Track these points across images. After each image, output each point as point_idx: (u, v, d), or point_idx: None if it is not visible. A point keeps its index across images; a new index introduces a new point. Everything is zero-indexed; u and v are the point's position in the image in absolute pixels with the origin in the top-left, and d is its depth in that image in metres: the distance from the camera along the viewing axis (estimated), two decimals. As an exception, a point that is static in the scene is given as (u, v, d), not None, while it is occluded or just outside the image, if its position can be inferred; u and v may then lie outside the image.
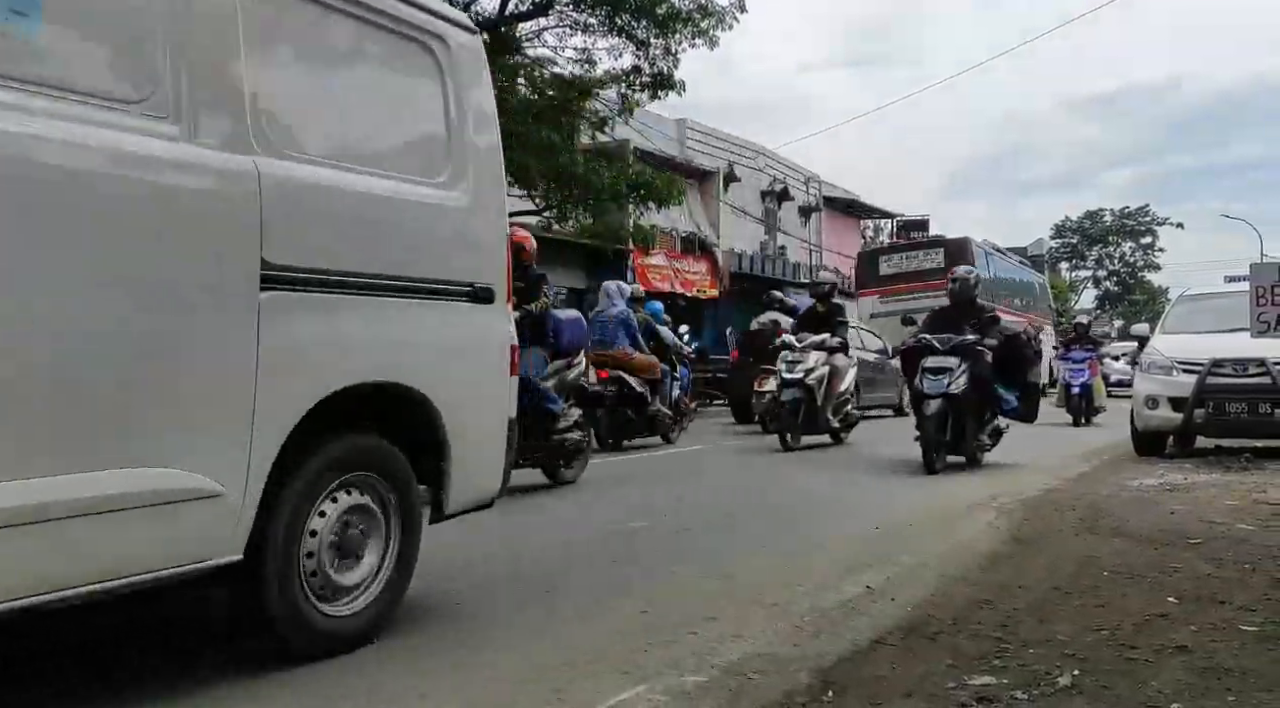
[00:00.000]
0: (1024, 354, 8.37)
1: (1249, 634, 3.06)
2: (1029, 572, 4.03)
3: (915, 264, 23.19)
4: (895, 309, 20.29)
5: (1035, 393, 8.46)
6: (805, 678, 2.69)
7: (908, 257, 23.79)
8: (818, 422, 10.08)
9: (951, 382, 7.68)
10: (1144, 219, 66.61)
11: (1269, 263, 6.32)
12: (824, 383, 9.95)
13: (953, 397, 7.67)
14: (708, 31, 15.82)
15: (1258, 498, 6.07)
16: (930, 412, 7.71)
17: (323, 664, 2.83)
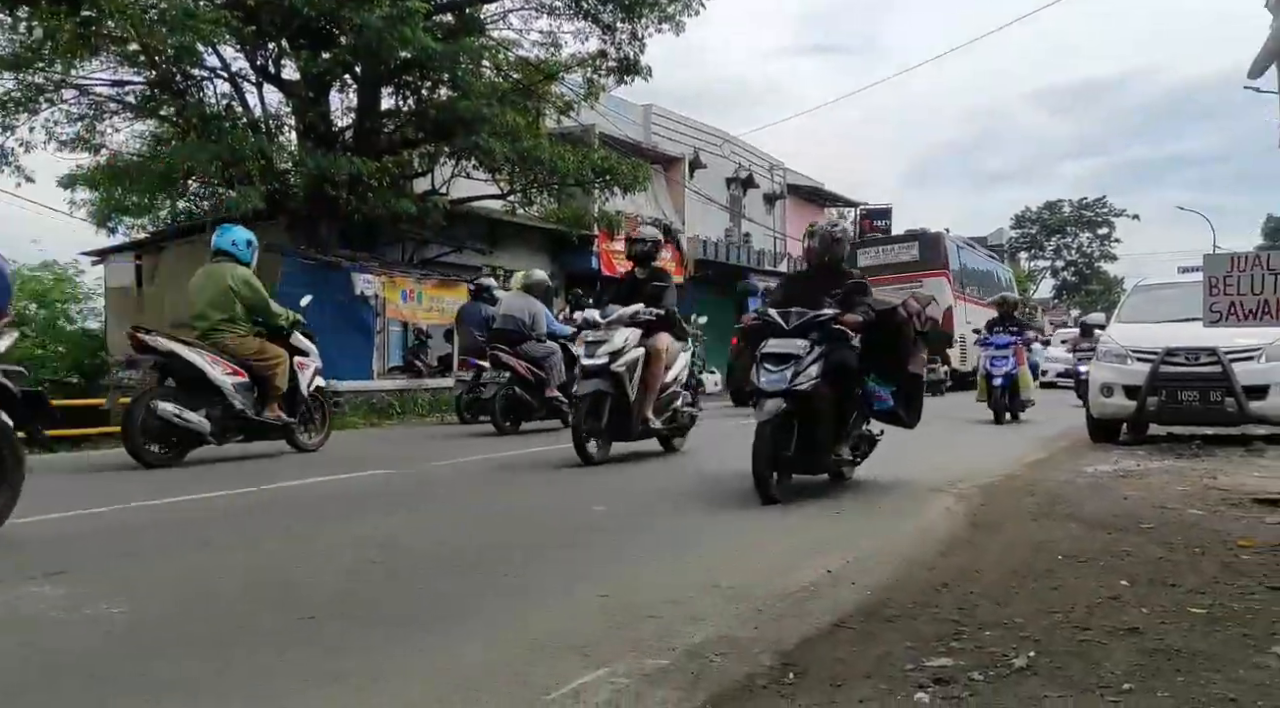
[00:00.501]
0: (904, 336, 6.20)
1: (1198, 617, 3.12)
2: (986, 556, 4.09)
3: (892, 256, 24.33)
4: None
5: (919, 389, 6.46)
6: (766, 660, 2.70)
7: (884, 250, 24.83)
8: (630, 424, 7.56)
9: (799, 374, 5.51)
10: (1101, 210, 67.73)
11: (1221, 254, 6.44)
12: (637, 371, 7.52)
13: (799, 394, 5.51)
14: (674, 17, 15.79)
15: (1208, 484, 6.21)
16: (765, 417, 5.46)
17: (286, 646, 2.81)
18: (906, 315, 6.19)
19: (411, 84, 15.04)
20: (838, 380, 5.76)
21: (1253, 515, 5.06)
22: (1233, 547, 4.22)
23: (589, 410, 7.32)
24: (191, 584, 3.67)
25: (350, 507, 5.59)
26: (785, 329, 5.76)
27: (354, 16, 12.55)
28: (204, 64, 14.05)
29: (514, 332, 10.80)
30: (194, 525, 4.96)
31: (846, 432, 6.11)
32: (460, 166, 15.91)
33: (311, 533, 4.77)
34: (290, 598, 3.43)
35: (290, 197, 14.12)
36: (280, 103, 15.50)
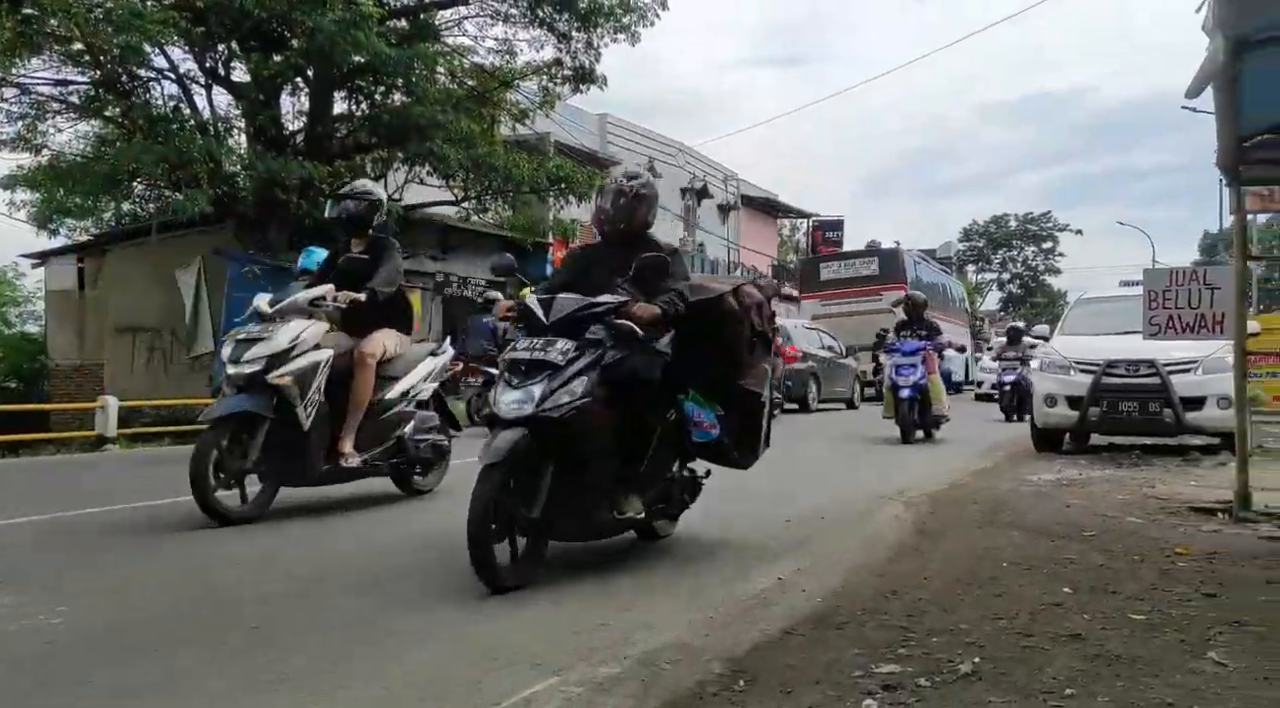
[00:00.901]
0: (736, 337, 4.31)
1: (1138, 623, 3.20)
2: (933, 563, 4.15)
3: (852, 271, 25.77)
4: (834, 312, 23.88)
5: (757, 413, 4.48)
6: (717, 667, 2.72)
7: (845, 264, 26.34)
8: (305, 457, 5.31)
9: (555, 391, 3.69)
10: (1046, 225, 69.19)
11: (1160, 269, 6.63)
12: (311, 382, 5.29)
13: (553, 422, 3.66)
14: (629, 27, 15.84)
15: (1147, 493, 6.37)
16: (493, 457, 3.57)
17: (234, 655, 2.77)
18: (738, 308, 4.32)
19: (365, 89, 14.90)
20: (626, 399, 3.93)
21: (1189, 524, 5.20)
22: (1170, 555, 4.34)
23: (232, 437, 5.11)
24: (134, 594, 3.59)
25: (316, 512, 5.50)
26: (544, 325, 3.95)
27: (306, 20, 12.42)
28: (151, 64, 13.80)
29: None
30: (139, 535, 4.86)
31: (641, 475, 4.12)
32: (414, 173, 15.80)
33: (271, 540, 4.69)
34: (239, 606, 3.38)
35: (239, 200, 13.91)
36: (230, 105, 15.28)
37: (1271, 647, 2.93)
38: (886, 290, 23.65)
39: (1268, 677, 2.65)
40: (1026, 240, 69.59)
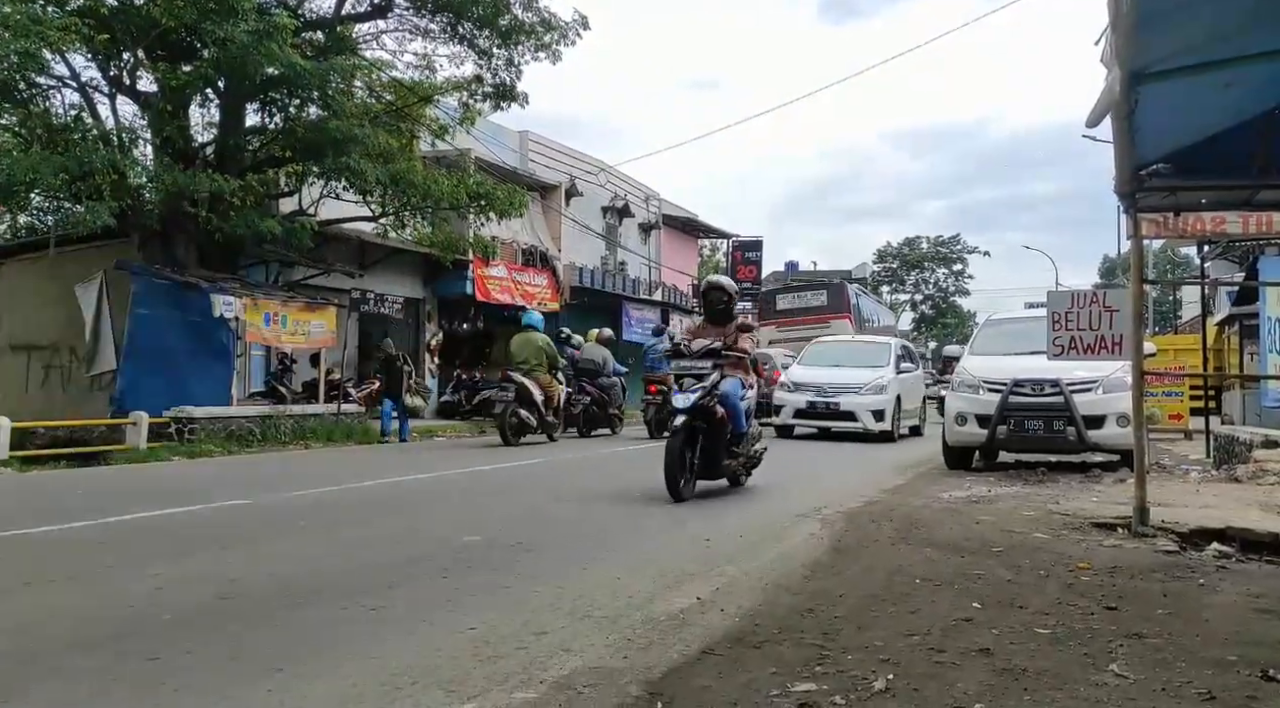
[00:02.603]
0: None
1: (1043, 637, 3.29)
2: (848, 580, 4.20)
3: (804, 302, 30.23)
4: (789, 337, 27.32)
5: None
6: (635, 690, 2.70)
7: (798, 296, 31.10)
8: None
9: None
10: (956, 247, 71.40)
11: (1063, 291, 6.88)
12: None
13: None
14: (550, 46, 15.88)
15: (1052, 509, 6.56)
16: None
17: (114, 684, 2.63)
18: None
19: (278, 101, 14.56)
20: None
21: (1091, 539, 5.38)
22: (1074, 569, 4.48)
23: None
24: (29, 622, 3.40)
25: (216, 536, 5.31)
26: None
27: (217, 30, 12.10)
28: (51, 72, 13.28)
29: (593, 370, 16.05)
30: (56, 556, 4.62)
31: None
32: (330, 187, 15.48)
33: (165, 565, 4.50)
34: (134, 637, 3.22)
35: (145, 213, 13.44)
36: (135, 115, 14.77)
37: (1169, 658, 3.03)
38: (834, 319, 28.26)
39: (1165, 688, 2.74)
40: (938, 262, 71.69)
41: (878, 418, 14.46)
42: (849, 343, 18.44)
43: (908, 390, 15.88)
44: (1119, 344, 6.27)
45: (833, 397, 14.69)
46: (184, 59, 13.53)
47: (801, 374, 15.66)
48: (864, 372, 15.11)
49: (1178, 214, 7.44)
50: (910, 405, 16.07)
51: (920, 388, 17.30)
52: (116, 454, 11.86)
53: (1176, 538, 5.35)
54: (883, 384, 14.86)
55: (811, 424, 15.09)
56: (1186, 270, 48.73)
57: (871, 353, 16.40)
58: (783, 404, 15.14)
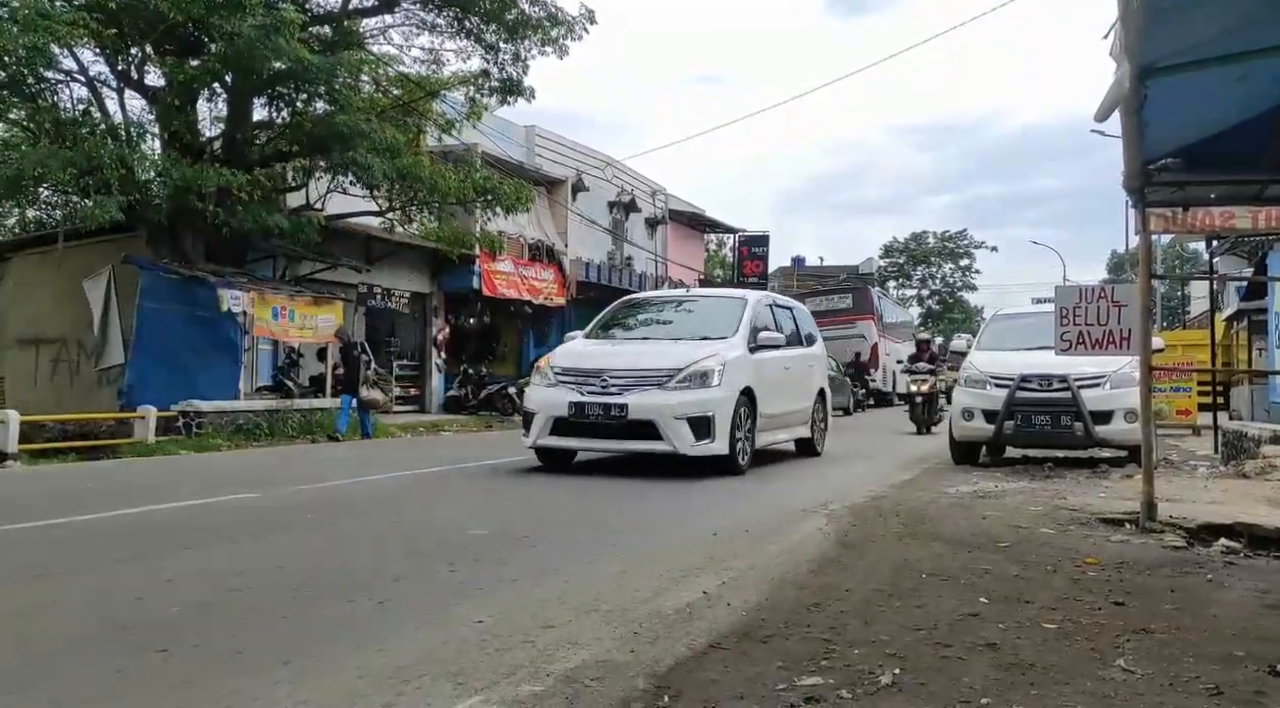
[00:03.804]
0: None
1: (1050, 631, 3.28)
2: (855, 575, 4.20)
3: (831, 304, 32.01)
4: None
5: None
6: (641, 683, 2.70)
7: (825, 299, 32.94)
8: None
9: None
10: (963, 242, 71.21)
11: (1071, 286, 6.85)
12: None
13: None
14: (557, 40, 15.87)
15: (1058, 504, 6.55)
16: None
17: (136, 680, 2.65)
18: None
19: (285, 96, 14.59)
20: None
21: (1099, 534, 5.37)
22: (1081, 564, 4.47)
23: None
24: (38, 615, 3.42)
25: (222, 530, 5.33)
26: None
27: (225, 24, 12.11)
28: (59, 66, 13.31)
29: None
30: (65, 549, 4.65)
31: None
32: (336, 182, 15.51)
33: (173, 558, 4.52)
34: (142, 629, 3.24)
35: (152, 208, 13.48)
36: (143, 110, 14.81)
37: (1175, 653, 3.03)
38: (860, 320, 30.93)
39: (1172, 683, 2.73)
40: (945, 257, 71.50)
41: (699, 431, 8.01)
42: (678, 299, 11.42)
43: (779, 382, 9.53)
44: (1127, 339, 6.25)
45: (616, 394, 8.14)
46: (191, 53, 13.56)
47: (577, 354, 8.98)
48: (683, 347, 8.72)
49: (1186, 209, 7.41)
50: (788, 406, 9.89)
51: (814, 377, 11.00)
52: (124, 448, 11.92)
53: (1184, 534, 5.33)
54: (709, 371, 8.24)
55: (583, 446, 8.61)
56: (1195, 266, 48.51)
57: (711, 315, 9.82)
58: (532, 412, 8.64)
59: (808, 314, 12.18)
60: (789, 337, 10.17)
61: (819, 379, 11.13)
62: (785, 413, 9.81)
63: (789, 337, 10.17)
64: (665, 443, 7.99)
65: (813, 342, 11.27)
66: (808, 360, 10.84)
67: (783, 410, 9.68)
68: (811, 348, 11.14)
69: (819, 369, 11.33)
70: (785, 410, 9.79)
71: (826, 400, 11.36)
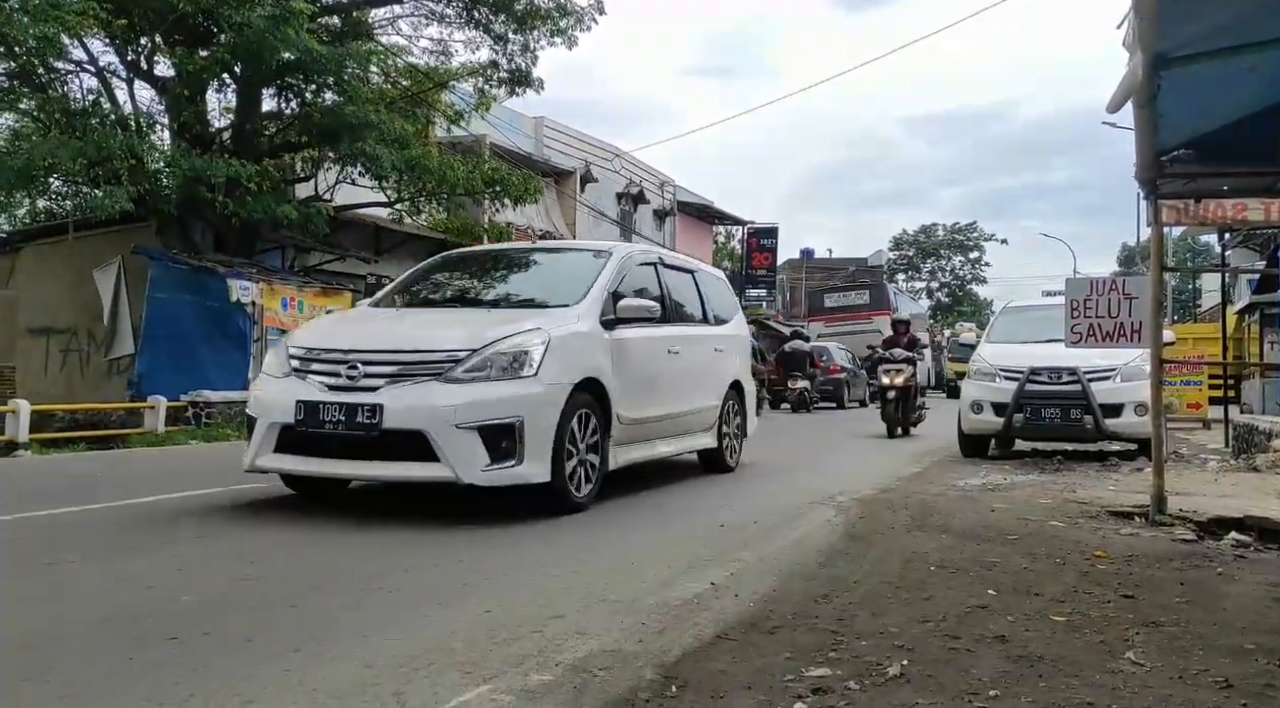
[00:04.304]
0: None
1: (1059, 624, 3.28)
2: (863, 567, 4.20)
3: (849, 300, 34.77)
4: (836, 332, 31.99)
5: None
6: (649, 674, 2.70)
7: (843, 295, 35.85)
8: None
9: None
10: (973, 235, 70.99)
11: (1081, 279, 6.82)
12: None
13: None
14: (566, 31, 15.85)
15: (1068, 497, 6.53)
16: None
17: (146, 668, 2.66)
18: None
19: (294, 86, 14.61)
20: None
21: (1108, 527, 5.35)
22: (1090, 557, 4.46)
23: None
24: (49, 603, 3.44)
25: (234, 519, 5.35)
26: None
27: (234, 14, 12.12)
28: (69, 57, 13.34)
29: None
30: (76, 537, 4.67)
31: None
32: (345, 173, 15.53)
33: (184, 546, 4.54)
34: (153, 618, 3.25)
35: (162, 198, 13.51)
36: (153, 100, 14.85)
37: (1185, 646, 3.02)
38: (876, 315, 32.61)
39: (1181, 676, 2.73)
40: (954, 250, 71.31)
41: (496, 447, 5.26)
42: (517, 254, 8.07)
43: (659, 372, 6.89)
44: (1138, 332, 6.22)
45: (368, 390, 5.29)
46: (201, 44, 13.57)
47: (328, 329, 6.38)
48: (490, 319, 5.97)
49: (1199, 201, 7.37)
50: (675, 406, 7.14)
51: (723, 366, 8.12)
52: (134, 437, 11.97)
53: (1194, 527, 5.32)
54: (521, 354, 5.47)
55: (317, 471, 5.61)
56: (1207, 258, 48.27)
57: (558, 277, 7.01)
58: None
59: (720, 282, 9.00)
60: (682, 311, 7.61)
61: (732, 369, 8.28)
62: (670, 416, 7.01)
63: (682, 311, 7.61)
64: (442, 466, 5.15)
65: (725, 319, 8.46)
66: (713, 344, 7.94)
67: (665, 412, 6.91)
68: (721, 328, 8.26)
69: (733, 356, 8.39)
70: (670, 412, 7.00)
71: (747, 398, 8.59)
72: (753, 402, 8.93)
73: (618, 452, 6.26)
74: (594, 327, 6.10)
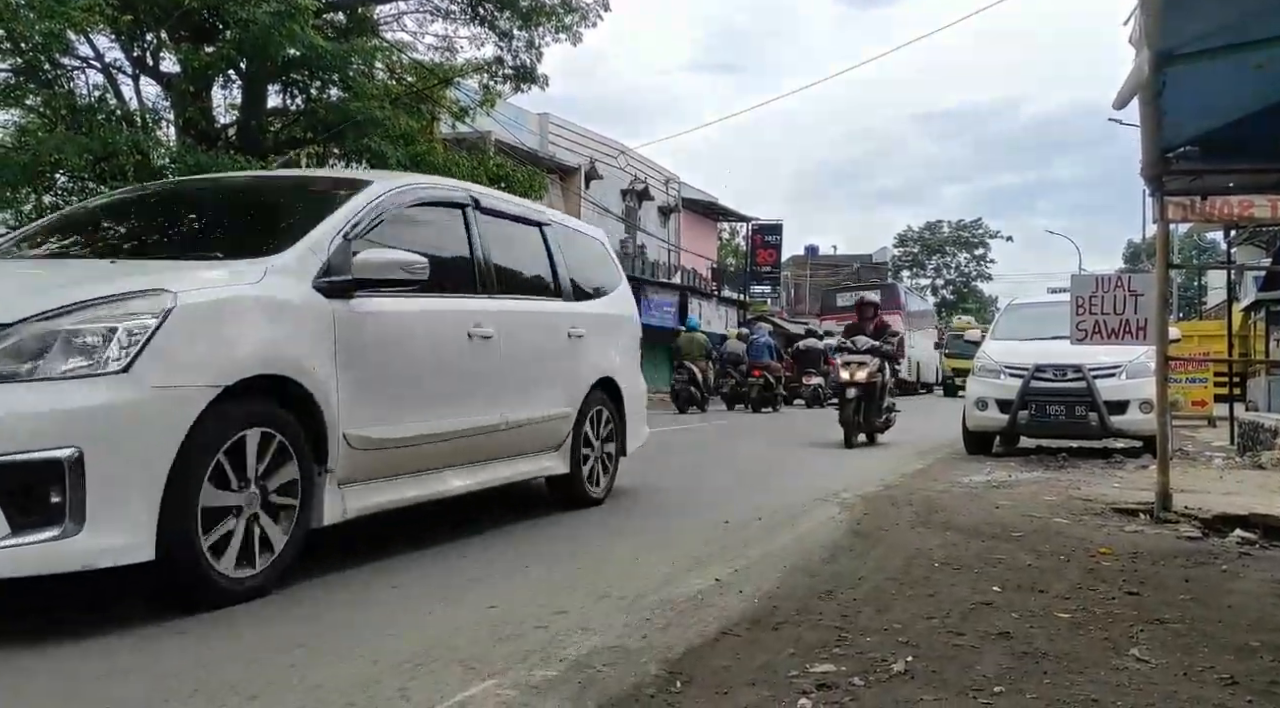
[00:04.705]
0: None
1: (1063, 621, 3.27)
2: (867, 563, 4.20)
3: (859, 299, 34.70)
4: None
5: None
6: (654, 669, 2.71)
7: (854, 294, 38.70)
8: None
9: None
10: (978, 231, 70.86)
11: (1087, 275, 6.81)
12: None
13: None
14: (571, 27, 15.83)
15: (1073, 494, 6.53)
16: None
17: (148, 664, 2.67)
18: None
19: (300, 83, 14.61)
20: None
21: (1113, 524, 5.35)
22: (1095, 554, 4.45)
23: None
24: (62, 591, 3.46)
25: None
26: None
27: (239, 10, 12.12)
28: (75, 53, 13.36)
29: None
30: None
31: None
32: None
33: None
34: (153, 610, 3.26)
35: (167, 194, 13.51)
36: (158, 96, 14.85)
37: (1190, 643, 3.02)
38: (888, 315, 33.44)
39: (1186, 673, 2.72)
40: (959, 247, 71.20)
41: (19, 503, 2.78)
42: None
43: (437, 365, 4.52)
44: (1143, 329, 6.21)
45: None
46: (206, 40, 13.58)
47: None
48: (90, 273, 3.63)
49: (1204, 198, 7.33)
50: (481, 416, 4.78)
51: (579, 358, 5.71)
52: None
53: (1199, 524, 5.31)
54: (106, 336, 3.03)
55: None
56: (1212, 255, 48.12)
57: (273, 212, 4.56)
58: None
59: (592, 243, 6.53)
60: (513, 278, 5.26)
61: (601, 362, 5.87)
62: (468, 432, 4.71)
63: (513, 278, 5.26)
64: None
65: (593, 293, 6.08)
66: (565, 326, 5.58)
67: (457, 426, 4.63)
68: (584, 304, 5.86)
69: (603, 344, 5.93)
70: (468, 426, 4.69)
71: (627, 402, 6.22)
72: (639, 405, 6.43)
73: (351, 494, 4.00)
74: (298, 291, 3.77)
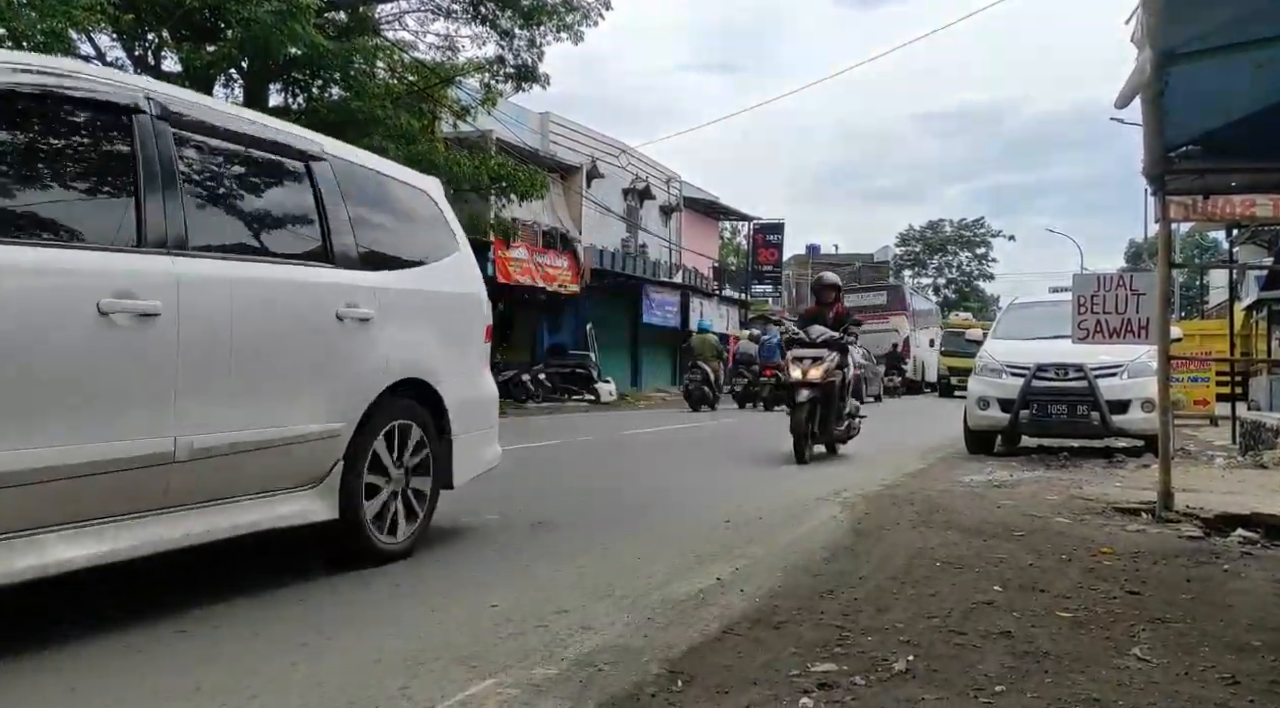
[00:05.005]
0: None
1: (1065, 620, 3.27)
2: (869, 563, 4.20)
3: (866, 301, 34.80)
4: None
5: None
6: (655, 668, 2.71)
7: (861, 296, 35.64)
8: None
9: None
10: (980, 230, 70.80)
11: (1089, 274, 6.80)
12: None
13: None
14: (573, 26, 15.84)
15: (1074, 494, 6.52)
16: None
17: (148, 661, 2.67)
18: None
19: (301, 82, 14.62)
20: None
21: (1114, 524, 5.34)
22: (1096, 554, 4.45)
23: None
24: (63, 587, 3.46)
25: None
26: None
27: (241, 10, 12.13)
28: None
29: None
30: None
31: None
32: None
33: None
34: (158, 609, 3.27)
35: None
36: (160, 96, 14.85)
37: (1191, 643, 3.02)
38: (894, 316, 33.61)
39: (1188, 672, 2.72)
40: (961, 246, 71.14)
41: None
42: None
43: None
44: (1145, 328, 6.21)
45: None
46: (208, 39, 13.59)
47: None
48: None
49: (1206, 197, 7.33)
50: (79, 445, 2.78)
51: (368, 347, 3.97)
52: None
53: (1201, 524, 5.30)
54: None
55: None
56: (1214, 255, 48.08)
57: None
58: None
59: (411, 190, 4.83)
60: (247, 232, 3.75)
61: (392, 356, 4.14)
62: (98, 466, 2.87)
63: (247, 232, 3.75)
64: None
65: (395, 261, 4.36)
66: (331, 301, 3.85)
67: (68, 461, 2.77)
68: (372, 274, 4.11)
69: (405, 329, 4.25)
70: (90, 459, 2.83)
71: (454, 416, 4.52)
72: (480, 417, 4.93)
73: None
74: None
